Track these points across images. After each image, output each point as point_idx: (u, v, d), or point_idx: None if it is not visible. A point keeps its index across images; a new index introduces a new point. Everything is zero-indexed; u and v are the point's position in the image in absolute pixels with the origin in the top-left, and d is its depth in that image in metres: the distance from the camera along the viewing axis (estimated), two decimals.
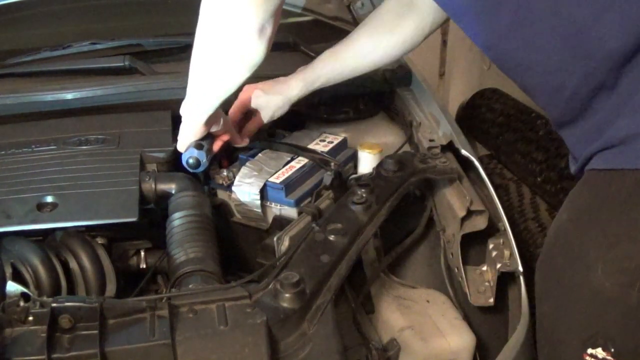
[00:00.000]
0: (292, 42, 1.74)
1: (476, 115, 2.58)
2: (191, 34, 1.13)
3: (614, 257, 0.87)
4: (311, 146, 1.42)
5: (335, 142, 1.43)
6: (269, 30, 1.06)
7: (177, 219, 1.19)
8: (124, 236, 1.26)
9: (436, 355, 1.20)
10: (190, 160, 1.27)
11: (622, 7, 0.85)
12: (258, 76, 1.33)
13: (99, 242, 1.20)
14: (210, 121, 1.26)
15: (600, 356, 0.90)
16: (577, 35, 0.88)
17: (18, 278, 1.05)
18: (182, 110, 1.25)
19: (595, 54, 0.88)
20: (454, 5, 1.01)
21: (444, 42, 3.34)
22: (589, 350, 0.91)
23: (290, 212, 1.29)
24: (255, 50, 1.07)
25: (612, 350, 0.89)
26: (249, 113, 1.42)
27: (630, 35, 0.84)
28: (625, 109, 0.87)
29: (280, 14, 1.07)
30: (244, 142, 1.40)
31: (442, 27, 3.33)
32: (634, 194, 0.86)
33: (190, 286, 1.04)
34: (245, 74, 1.13)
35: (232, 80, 1.15)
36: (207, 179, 1.39)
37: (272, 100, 1.39)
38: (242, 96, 1.40)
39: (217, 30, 1.08)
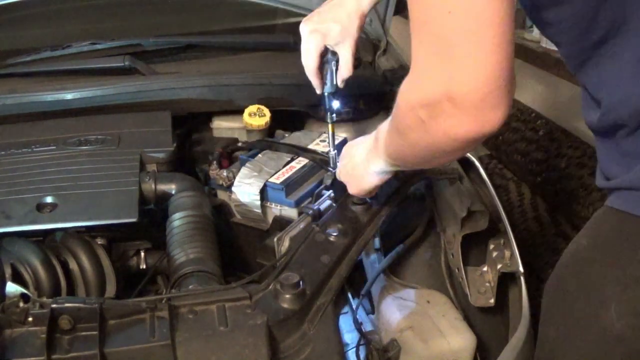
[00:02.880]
0: (292, 42, 1.74)
1: None
2: (191, 34, 1.13)
3: (630, 299, 0.85)
4: (311, 146, 1.41)
5: (335, 142, 1.43)
6: None
7: (177, 220, 1.19)
8: (124, 236, 1.26)
9: (437, 355, 1.20)
10: None
11: None
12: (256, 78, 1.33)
13: (99, 242, 1.20)
14: None
15: None
16: None
17: (18, 279, 1.05)
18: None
19: None
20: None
21: None
22: None
23: (291, 212, 1.29)
24: None
25: None
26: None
27: None
28: None
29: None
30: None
31: None
32: None
33: (191, 287, 1.03)
34: None
35: None
36: (207, 179, 1.39)
37: (344, 23, 1.20)
38: (310, 42, 1.22)
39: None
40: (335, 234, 1.11)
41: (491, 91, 0.74)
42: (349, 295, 1.23)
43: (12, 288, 0.91)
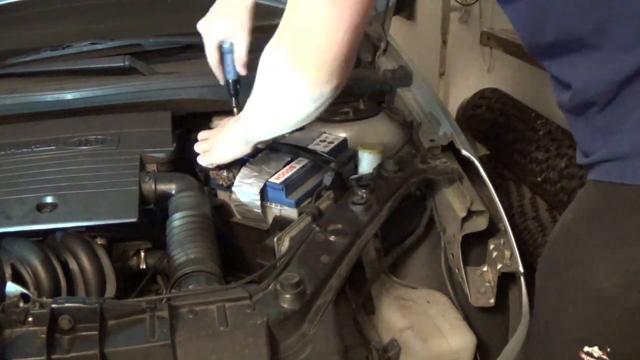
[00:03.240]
0: None
1: (476, 115, 2.58)
2: (191, 34, 1.13)
3: (617, 259, 0.88)
4: (311, 146, 1.41)
5: (336, 142, 1.43)
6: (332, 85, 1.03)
7: (177, 220, 1.19)
8: (124, 236, 1.26)
9: (437, 355, 1.20)
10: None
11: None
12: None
13: (99, 242, 1.20)
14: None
15: (596, 355, 0.90)
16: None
17: (18, 279, 1.05)
18: (235, 131, 1.27)
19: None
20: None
21: (444, 42, 3.34)
22: (586, 348, 0.91)
23: (291, 212, 1.29)
24: (313, 108, 1.08)
25: (609, 350, 0.90)
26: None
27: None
28: (626, 124, 0.87)
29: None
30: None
31: (442, 27, 3.35)
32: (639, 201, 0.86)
33: (191, 287, 1.03)
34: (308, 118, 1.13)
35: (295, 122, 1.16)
36: (207, 179, 1.39)
37: (233, 17, 1.38)
38: (207, 40, 1.41)
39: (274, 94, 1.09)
40: (335, 234, 1.11)
41: (330, 61, 0.97)
42: (349, 295, 1.23)
43: (12, 288, 0.91)
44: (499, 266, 1.24)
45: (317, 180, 1.33)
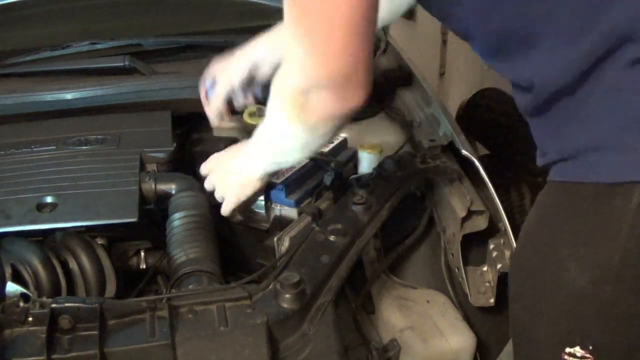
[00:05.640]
0: None
1: (476, 115, 2.58)
2: (191, 34, 1.13)
3: (586, 254, 0.87)
4: None
5: (335, 142, 1.43)
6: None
7: (177, 219, 1.19)
8: (124, 236, 1.26)
9: (437, 355, 1.20)
10: None
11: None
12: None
13: (99, 242, 1.20)
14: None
15: (579, 354, 0.89)
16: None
17: (18, 279, 1.05)
18: (242, 169, 1.18)
19: None
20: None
21: (444, 42, 3.34)
22: (567, 349, 0.90)
23: (291, 212, 1.29)
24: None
25: (590, 347, 0.89)
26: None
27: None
28: (576, 120, 0.87)
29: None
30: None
31: (442, 27, 3.34)
32: (600, 195, 0.86)
33: (190, 287, 1.03)
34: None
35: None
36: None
37: (232, 62, 1.33)
38: (239, 59, 1.34)
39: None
40: (335, 234, 1.11)
41: (351, 75, 0.89)
42: (349, 295, 1.23)
43: (12, 288, 0.91)
44: (499, 266, 1.24)
45: (317, 180, 1.33)
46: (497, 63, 0.97)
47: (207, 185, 1.25)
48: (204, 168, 1.26)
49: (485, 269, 1.27)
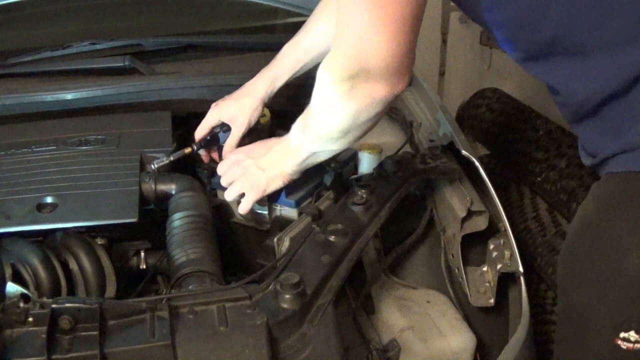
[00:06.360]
0: None
1: (476, 115, 2.58)
2: (191, 34, 1.13)
3: None
4: None
5: None
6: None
7: (177, 220, 1.19)
8: (124, 237, 1.26)
9: (437, 355, 1.20)
10: None
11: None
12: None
13: (99, 242, 1.20)
14: None
15: (632, 339, 0.92)
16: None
17: (18, 279, 1.05)
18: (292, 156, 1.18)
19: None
20: (491, 21, 0.99)
21: (444, 42, 3.34)
22: (622, 334, 0.93)
23: (291, 212, 1.29)
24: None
25: None
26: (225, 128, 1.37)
27: None
28: (629, 116, 0.90)
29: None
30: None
31: (442, 27, 3.34)
32: None
33: (191, 287, 1.03)
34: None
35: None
36: (209, 179, 1.39)
37: (242, 105, 1.34)
38: (208, 115, 1.35)
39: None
40: (335, 234, 1.11)
41: (396, 61, 0.96)
42: (350, 295, 1.23)
43: (12, 288, 0.91)
44: (499, 266, 1.24)
45: (317, 181, 1.33)
46: (539, 70, 0.99)
47: (224, 180, 1.24)
48: (225, 163, 1.27)
49: (485, 269, 1.27)
